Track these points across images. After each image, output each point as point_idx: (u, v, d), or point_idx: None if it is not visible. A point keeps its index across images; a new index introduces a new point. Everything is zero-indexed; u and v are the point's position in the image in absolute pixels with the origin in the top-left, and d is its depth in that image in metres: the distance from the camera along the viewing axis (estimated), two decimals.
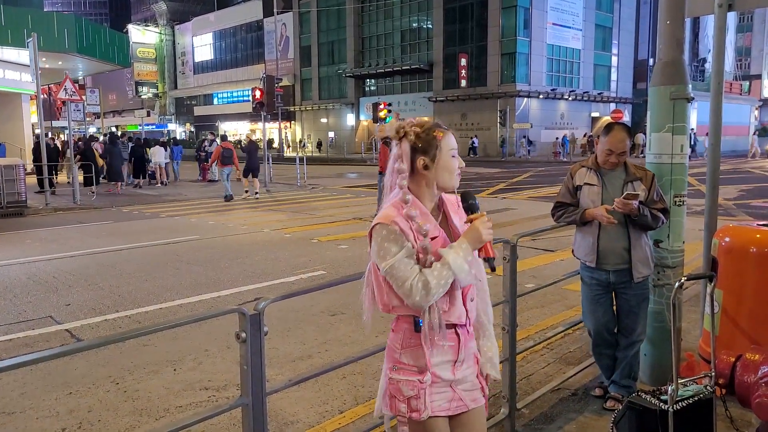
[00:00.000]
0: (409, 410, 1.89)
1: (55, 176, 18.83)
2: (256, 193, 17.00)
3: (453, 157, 1.92)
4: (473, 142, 39.78)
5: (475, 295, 2.03)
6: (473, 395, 2.01)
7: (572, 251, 3.80)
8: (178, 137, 60.01)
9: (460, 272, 1.79)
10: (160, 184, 21.64)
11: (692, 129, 31.46)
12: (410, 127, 1.91)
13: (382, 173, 13.83)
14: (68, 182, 18.02)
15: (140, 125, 50.42)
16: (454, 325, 1.93)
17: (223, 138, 20.30)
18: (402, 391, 1.90)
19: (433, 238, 1.87)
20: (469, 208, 1.91)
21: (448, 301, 1.89)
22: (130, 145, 21.55)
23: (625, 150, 3.41)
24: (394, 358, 1.95)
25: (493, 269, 1.87)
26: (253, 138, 19.92)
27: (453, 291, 1.89)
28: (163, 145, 22.95)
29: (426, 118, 2.05)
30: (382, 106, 31.09)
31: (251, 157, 16.76)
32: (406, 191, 1.89)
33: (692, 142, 30.56)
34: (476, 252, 1.89)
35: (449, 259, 1.79)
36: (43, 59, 19.53)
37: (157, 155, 21.76)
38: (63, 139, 20.34)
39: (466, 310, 1.96)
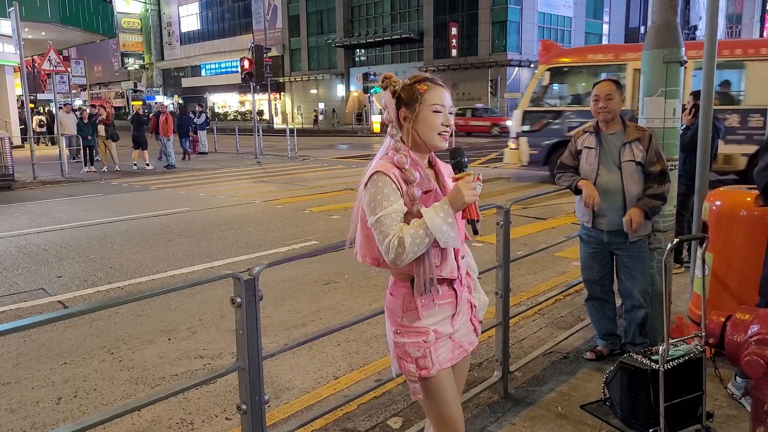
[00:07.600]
0: (418, 369, 1.93)
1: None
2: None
3: (436, 112, 1.85)
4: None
5: (466, 253, 2.05)
6: (469, 338, 2.08)
7: (574, 212, 3.92)
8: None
9: (437, 233, 1.73)
10: None
11: None
12: (396, 79, 1.92)
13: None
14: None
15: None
16: (447, 280, 1.94)
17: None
18: (409, 353, 1.94)
19: (426, 192, 1.85)
20: (456, 165, 1.83)
21: (440, 255, 1.88)
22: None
23: (610, 92, 3.47)
24: (397, 322, 1.97)
25: (476, 232, 1.80)
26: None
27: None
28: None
29: (426, 74, 1.95)
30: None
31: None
32: (397, 139, 1.88)
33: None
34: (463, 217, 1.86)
35: (426, 218, 1.73)
36: (26, 29, 19.10)
37: None
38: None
39: (458, 265, 1.97)
